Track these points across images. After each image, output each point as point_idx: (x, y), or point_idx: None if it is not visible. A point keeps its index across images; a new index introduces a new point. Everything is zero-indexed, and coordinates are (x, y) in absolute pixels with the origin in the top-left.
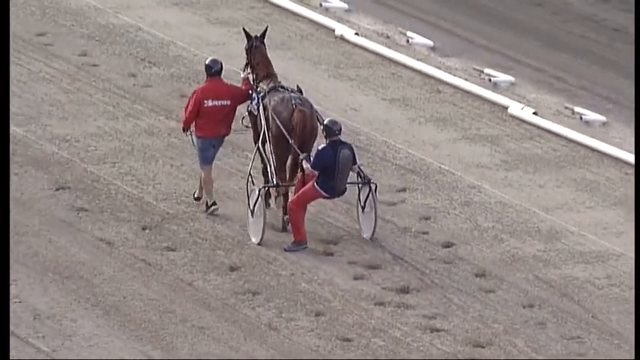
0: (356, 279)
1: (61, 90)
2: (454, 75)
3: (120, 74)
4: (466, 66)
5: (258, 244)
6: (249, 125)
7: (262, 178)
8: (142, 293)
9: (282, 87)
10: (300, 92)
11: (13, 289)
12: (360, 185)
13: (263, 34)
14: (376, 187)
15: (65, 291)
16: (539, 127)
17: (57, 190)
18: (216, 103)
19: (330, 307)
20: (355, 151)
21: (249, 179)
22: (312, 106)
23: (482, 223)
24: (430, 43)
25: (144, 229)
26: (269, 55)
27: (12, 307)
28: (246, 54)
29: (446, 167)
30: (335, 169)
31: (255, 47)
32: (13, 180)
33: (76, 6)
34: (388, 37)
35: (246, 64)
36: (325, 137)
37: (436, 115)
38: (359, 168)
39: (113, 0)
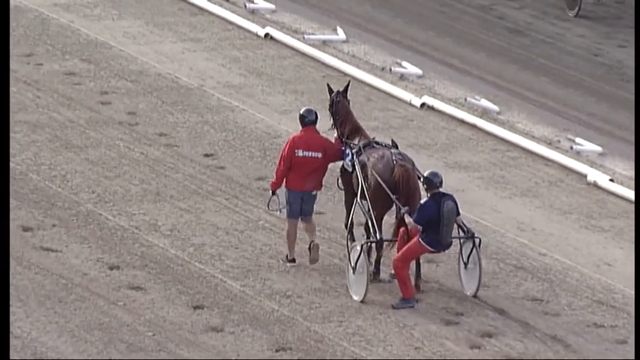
0: None
1: (282, 240)
2: None
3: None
4: None
5: (361, 301)
6: (342, 187)
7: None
8: None
9: (377, 142)
10: (396, 147)
11: None
12: (462, 240)
13: (346, 89)
14: (480, 241)
15: None
16: None
17: (277, 351)
18: (306, 154)
19: None
20: (458, 203)
21: (350, 235)
22: (412, 162)
23: None
24: None
25: None
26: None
27: None
28: (329, 111)
29: None
30: (440, 222)
31: (337, 102)
32: (229, 340)
33: None
34: None
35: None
36: (426, 190)
37: None
38: (462, 221)
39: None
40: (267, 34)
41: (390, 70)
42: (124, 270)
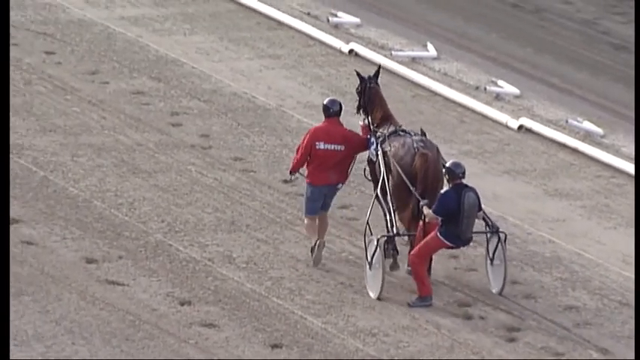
0: None
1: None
2: None
3: (443, 256)
4: None
5: (378, 298)
6: (370, 177)
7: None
8: None
9: (404, 130)
10: (424, 135)
11: None
12: (488, 235)
13: (376, 74)
14: (505, 236)
15: None
16: None
17: None
18: (328, 146)
19: None
20: (480, 196)
21: (367, 229)
22: (437, 150)
23: None
24: None
25: None
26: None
27: None
28: (359, 97)
29: None
30: (460, 215)
31: (370, 88)
32: None
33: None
34: None
35: (358, 107)
36: (448, 181)
37: None
38: (485, 215)
39: None
40: (351, 50)
41: (485, 89)
42: (195, 305)
